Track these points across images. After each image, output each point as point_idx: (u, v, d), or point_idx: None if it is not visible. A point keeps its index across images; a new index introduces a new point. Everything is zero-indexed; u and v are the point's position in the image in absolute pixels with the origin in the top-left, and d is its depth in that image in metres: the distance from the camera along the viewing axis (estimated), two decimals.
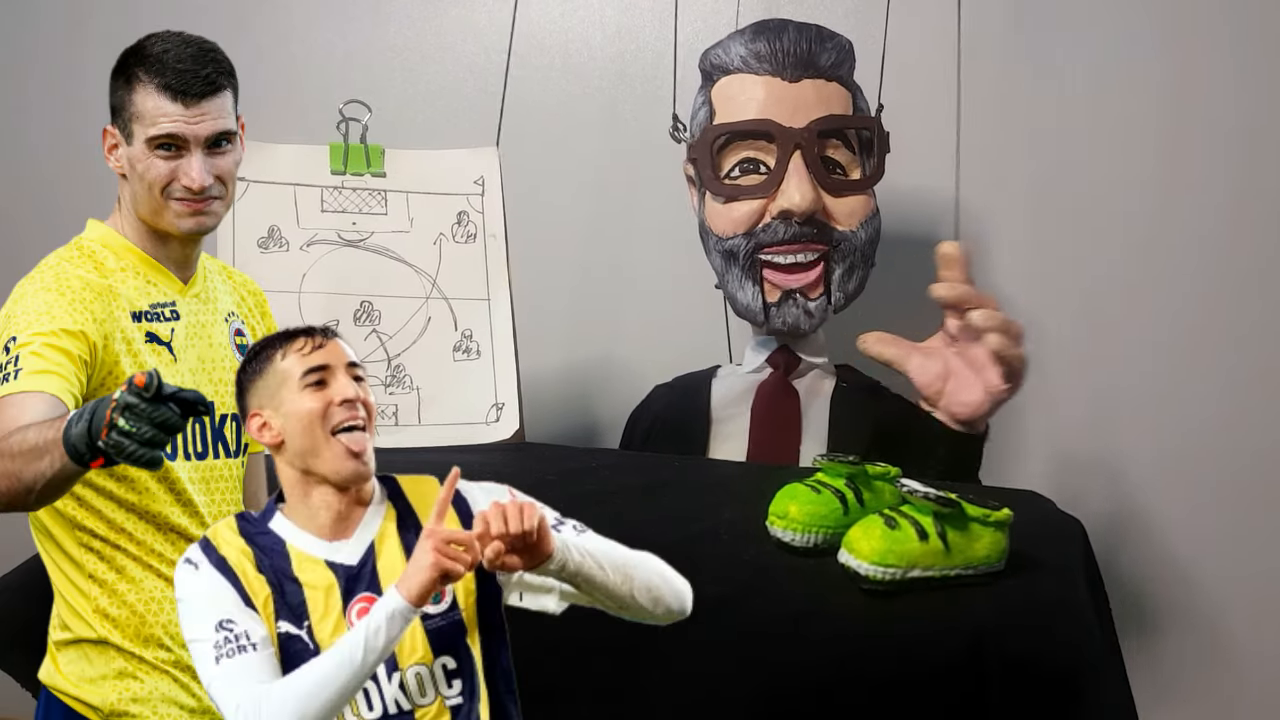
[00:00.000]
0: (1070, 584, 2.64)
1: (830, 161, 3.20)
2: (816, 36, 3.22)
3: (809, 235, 3.16)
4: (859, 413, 3.21)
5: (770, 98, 3.18)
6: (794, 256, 3.18)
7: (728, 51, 3.25)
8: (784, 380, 3.26)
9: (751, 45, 3.22)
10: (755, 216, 3.19)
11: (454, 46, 3.94)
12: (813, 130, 3.14)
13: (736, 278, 3.22)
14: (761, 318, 3.21)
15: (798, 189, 3.13)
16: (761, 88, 3.19)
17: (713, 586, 2.14)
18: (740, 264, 3.20)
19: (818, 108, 3.18)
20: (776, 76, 3.19)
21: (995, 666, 2.44)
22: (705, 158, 3.22)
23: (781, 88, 3.18)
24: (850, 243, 3.19)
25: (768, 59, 3.19)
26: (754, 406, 3.25)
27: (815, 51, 3.20)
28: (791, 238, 3.17)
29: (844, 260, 3.19)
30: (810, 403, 3.24)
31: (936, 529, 2.52)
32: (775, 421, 3.24)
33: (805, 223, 3.14)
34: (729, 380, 3.34)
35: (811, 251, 3.18)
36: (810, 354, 3.28)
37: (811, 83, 3.19)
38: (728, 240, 3.21)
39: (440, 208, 3.30)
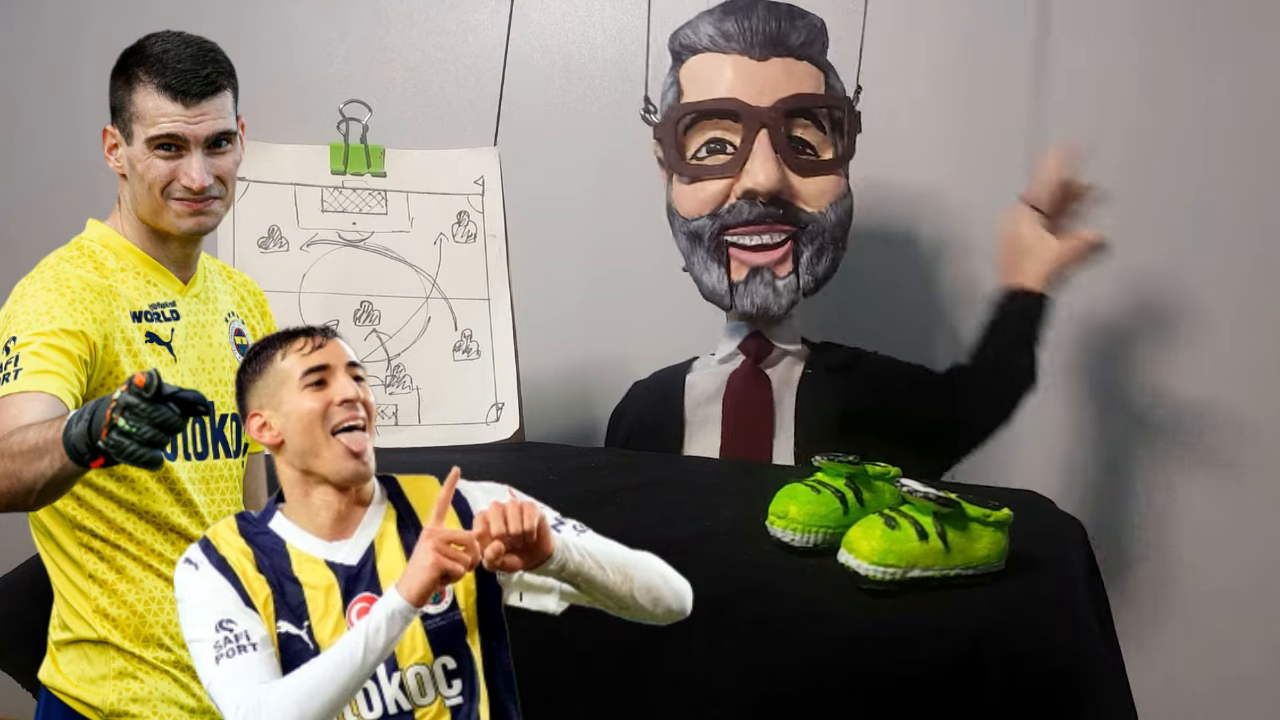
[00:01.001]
0: (1070, 584, 2.64)
1: (800, 142, 3.15)
2: (787, 14, 3.18)
3: (775, 216, 3.11)
4: (825, 398, 3.16)
5: (738, 76, 3.13)
6: (760, 238, 3.13)
7: (696, 31, 3.21)
8: (755, 369, 3.21)
9: (720, 25, 3.18)
10: (720, 197, 3.14)
11: (454, 46, 3.94)
12: (780, 109, 3.10)
13: (702, 259, 3.17)
14: (728, 300, 3.15)
15: (762, 168, 3.08)
16: (729, 66, 3.15)
17: (713, 586, 2.14)
18: (705, 245, 3.15)
19: (786, 86, 3.12)
20: (745, 55, 3.13)
21: (995, 666, 2.43)
22: (670, 138, 3.19)
23: (749, 66, 3.13)
24: (819, 224, 3.13)
25: (736, 38, 3.15)
26: (725, 400, 3.21)
27: (785, 30, 3.15)
28: (757, 218, 3.12)
29: (812, 242, 3.14)
30: (783, 392, 3.18)
31: (936, 529, 2.52)
32: (748, 414, 3.20)
33: (771, 203, 3.09)
34: (703, 374, 3.29)
35: (778, 233, 3.13)
36: (783, 340, 3.22)
37: (781, 61, 3.14)
38: (693, 221, 3.17)
39: (440, 208, 3.30)
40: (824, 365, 3.23)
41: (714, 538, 2.67)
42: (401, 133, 3.45)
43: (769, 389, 3.19)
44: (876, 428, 3.01)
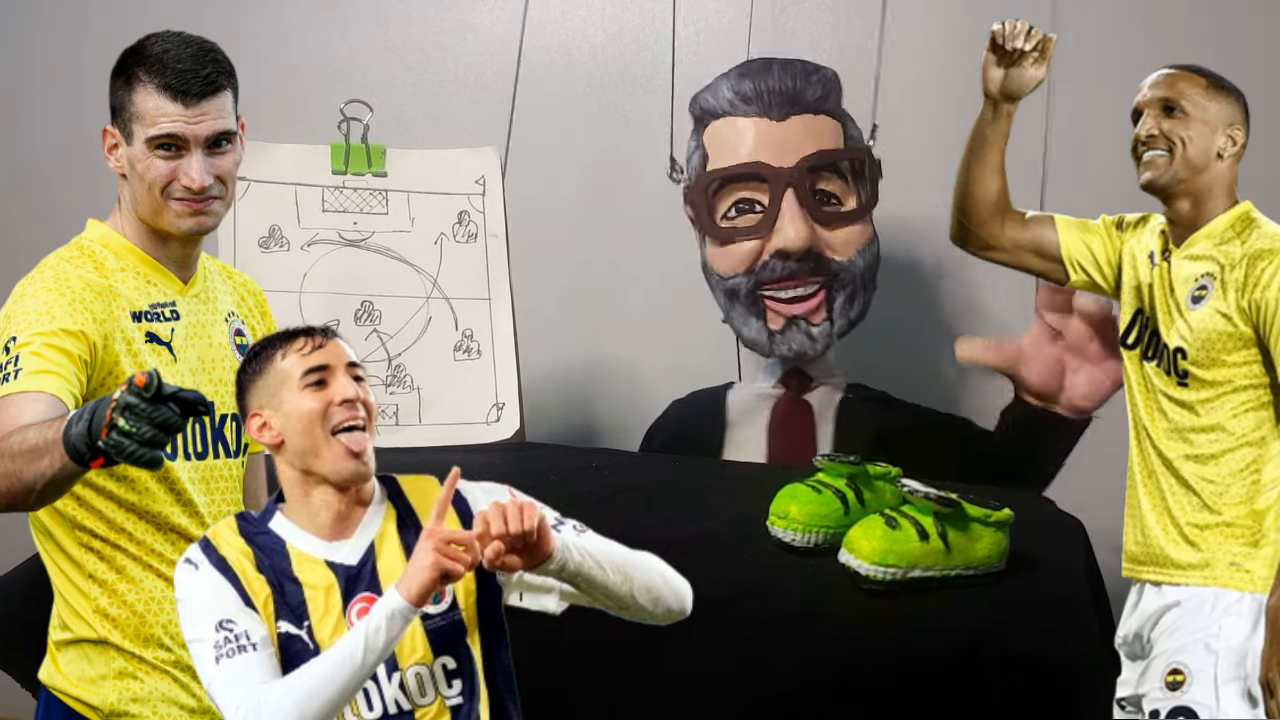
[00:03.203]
0: (1070, 584, 2.64)
1: (824, 194, 3.31)
2: (801, 72, 3.33)
3: (807, 270, 3.30)
4: (866, 419, 3.30)
5: (760, 139, 3.30)
6: (794, 290, 3.32)
7: (716, 95, 3.35)
8: (797, 398, 3.37)
9: (738, 87, 3.33)
10: (753, 255, 3.31)
11: (453, 46, 3.94)
12: (803, 167, 3.27)
13: (740, 314, 3.36)
14: (767, 349, 3.34)
15: (791, 226, 3.26)
16: (751, 129, 3.31)
17: (713, 586, 2.14)
18: (742, 300, 3.35)
19: (807, 144, 3.30)
20: (764, 116, 3.31)
21: (995, 666, 2.44)
22: (701, 202, 3.35)
23: (770, 127, 3.30)
24: (849, 271, 3.32)
25: (754, 99, 3.31)
26: (770, 420, 3.37)
27: (801, 87, 3.32)
28: (789, 274, 3.30)
29: (844, 289, 3.33)
30: (824, 416, 3.33)
31: (937, 529, 2.52)
32: (791, 432, 3.34)
33: (802, 258, 3.29)
34: (743, 392, 3.44)
35: (811, 284, 3.32)
36: (820, 373, 3.39)
37: (800, 119, 3.31)
38: (729, 280, 3.34)
39: (441, 207, 3.30)
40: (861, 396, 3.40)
41: (714, 538, 2.68)
42: (402, 132, 3.45)
43: (810, 412, 3.35)
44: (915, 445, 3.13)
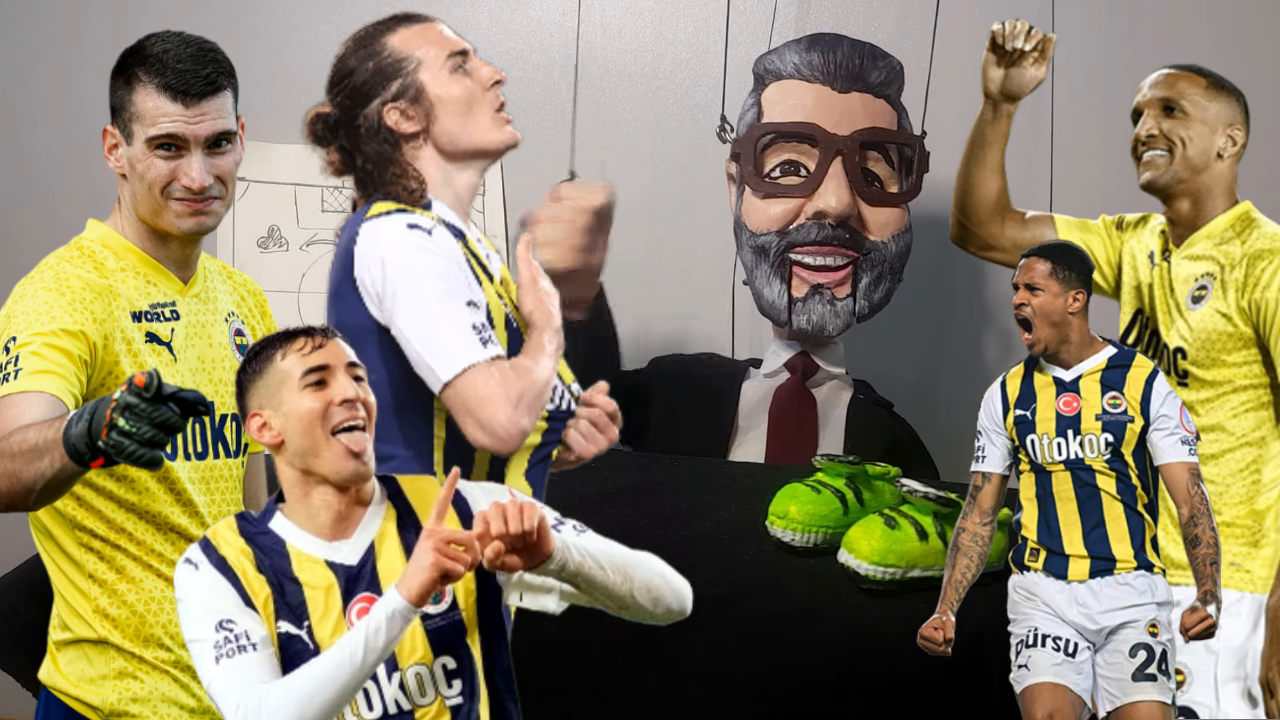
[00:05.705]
0: None
1: (870, 174, 3.31)
2: (869, 53, 3.37)
3: (840, 239, 3.28)
4: (877, 424, 3.30)
5: (819, 104, 3.30)
6: (824, 259, 3.29)
7: (782, 58, 3.37)
8: (801, 385, 3.34)
9: (806, 55, 3.35)
10: (790, 215, 3.29)
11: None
12: (855, 139, 3.27)
13: (765, 274, 3.32)
14: (785, 315, 3.30)
15: (834, 192, 3.24)
16: (811, 94, 3.31)
17: (713, 586, 2.15)
18: (770, 260, 3.31)
19: (863, 119, 3.30)
20: (827, 86, 3.33)
21: (995, 666, 2.44)
22: (749, 154, 3.33)
23: (830, 96, 3.31)
24: (880, 253, 3.31)
25: (820, 69, 3.33)
26: (771, 410, 3.34)
27: (867, 67, 3.35)
28: (823, 239, 3.27)
29: (873, 269, 3.31)
30: (828, 412, 3.33)
31: (936, 529, 2.52)
32: (792, 426, 3.32)
33: (838, 226, 3.27)
34: (753, 384, 3.42)
35: (842, 256, 3.29)
36: (829, 363, 3.37)
37: (860, 96, 3.33)
38: (760, 236, 3.31)
39: None
40: (872, 399, 3.39)
41: (714, 538, 2.68)
42: None
43: (814, 405, 3.33)
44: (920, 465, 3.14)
